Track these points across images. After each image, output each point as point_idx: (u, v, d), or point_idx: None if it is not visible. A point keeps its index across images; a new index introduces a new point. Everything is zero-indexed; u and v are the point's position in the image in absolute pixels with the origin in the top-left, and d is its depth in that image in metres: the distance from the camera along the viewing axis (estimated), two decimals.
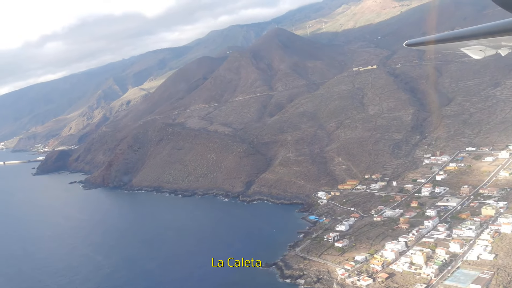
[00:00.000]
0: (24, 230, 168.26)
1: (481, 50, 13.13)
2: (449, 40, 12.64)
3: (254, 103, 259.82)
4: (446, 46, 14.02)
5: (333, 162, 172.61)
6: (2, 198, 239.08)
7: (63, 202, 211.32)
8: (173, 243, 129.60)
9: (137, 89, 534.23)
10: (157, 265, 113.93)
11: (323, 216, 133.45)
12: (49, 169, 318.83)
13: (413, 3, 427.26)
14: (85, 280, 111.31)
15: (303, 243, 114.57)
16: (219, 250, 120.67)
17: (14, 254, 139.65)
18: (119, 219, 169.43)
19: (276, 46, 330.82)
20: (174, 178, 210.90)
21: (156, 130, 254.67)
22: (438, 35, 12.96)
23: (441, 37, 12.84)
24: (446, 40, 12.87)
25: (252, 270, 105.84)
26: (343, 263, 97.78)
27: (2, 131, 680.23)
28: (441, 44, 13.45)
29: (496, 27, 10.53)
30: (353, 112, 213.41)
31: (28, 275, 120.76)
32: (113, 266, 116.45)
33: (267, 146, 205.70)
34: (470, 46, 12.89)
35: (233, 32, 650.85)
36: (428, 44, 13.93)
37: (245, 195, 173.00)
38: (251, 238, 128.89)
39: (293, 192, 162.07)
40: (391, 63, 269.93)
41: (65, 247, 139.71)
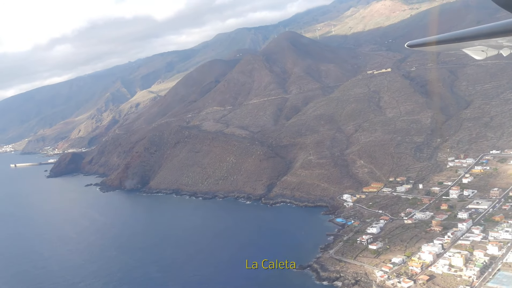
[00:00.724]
0: (49, 232, 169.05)
1: (482, 50, 13.26)
2: (450, 41, 12.71)
3: (270, 106, 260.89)
4: (447, 47, 14.00)
5: (355, 165, 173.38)
6: (21, 200, 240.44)
7: (83, 205, 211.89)
8: (204, 245, 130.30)
9: (145, 92, 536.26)
10: (191, 267, 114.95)
11: (351, 219, 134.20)
12: (62, 171, 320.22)
13: (422, 6, 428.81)
14: (120, 283, 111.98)
15: (335, 246, 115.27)
16: (250, 252, 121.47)
17: (43, 256, 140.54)
18: (143, 221, 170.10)
19: (289, 49, 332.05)
20: (193, 180, 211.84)
21: (172, 133, 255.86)
22: (439, 36, 12.96)
23: (442, 38, 12.85)
24: (447, 41, 12.88)
25: (286, 272, 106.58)
26: (380, 265, 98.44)
27: (9, 134, 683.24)
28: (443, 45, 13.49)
29: (498, 27, 10.64)
30: (371, 115, 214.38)
31: (60, 277, 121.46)
32: (146, 269, 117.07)
33: (286, 149, 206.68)
34: (471, 47, 13.06)
35: (240, 35, 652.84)
36: (430, 45, 13.93)
37: (268, 197, 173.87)
38: (280, 240, 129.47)
39: (316, 194, 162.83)
40: (405, 66, 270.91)
41: (94, 249, 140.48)
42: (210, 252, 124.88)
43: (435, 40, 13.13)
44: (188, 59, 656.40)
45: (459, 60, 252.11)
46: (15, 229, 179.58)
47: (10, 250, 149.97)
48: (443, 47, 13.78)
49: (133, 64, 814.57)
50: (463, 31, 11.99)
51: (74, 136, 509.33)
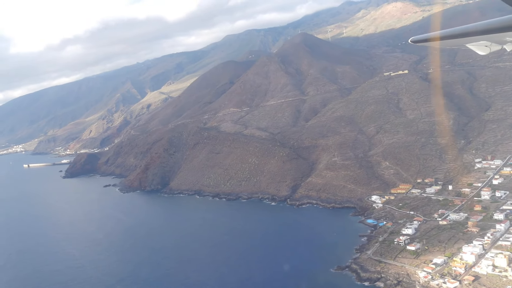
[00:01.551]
0: (76, 232, 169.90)
1: (486, 46, 13.29)
2: (454, 36, 12.81)
3: (288, 108, 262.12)
4: (451, 43, 14.05)
5: (380, 166, 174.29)
6: (42, 201, 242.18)
7: (105, 205, 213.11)
8: (239, 246, 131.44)
9: (157, 93, 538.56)
10: (228, 267, 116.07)
11: (382, 220, 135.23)
12: (78, 172, 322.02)
13: (434, 8, 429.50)
14: (159, 284, 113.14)
15: (371, 246, 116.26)
16: (285, 253, 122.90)
17: (75, 256, 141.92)
18: (171, 222, 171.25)
19: (303, 51, 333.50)
20: (214, 181, 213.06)
21: (191, 134, 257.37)
22: (443, 31, 13.09)
23: (446, 34, 12.97)
24: (451, 37, 13.00)
25: (325, 273, 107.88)
26: (421, 266, 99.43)
27: (19, 134, 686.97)
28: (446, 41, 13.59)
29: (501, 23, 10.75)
30: (391, 117, 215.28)
31: (96, 278, 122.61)
32: (182, 270, 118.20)
33: (308, 150, 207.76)
34: (475, 42, 13.08)
35: (250, 36, 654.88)
36: (434, 41, 13.97)
37: (293, 199, 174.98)
38: (313, 241, 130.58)
39: (343, 196, 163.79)
40: (422, 68, 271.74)
41: (124, 250, 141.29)
42: (246, 253, 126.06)
43: (438, 36, 13.37)
44: (197, 60, 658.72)
45: (476, 62, 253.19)
46: (41, 230, 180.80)
47: (40, 250, 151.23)
48: (446, 42, 13.98)
49: (141, 65, 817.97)
50: (466, 26, 12.25)
51: (86, 136, 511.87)
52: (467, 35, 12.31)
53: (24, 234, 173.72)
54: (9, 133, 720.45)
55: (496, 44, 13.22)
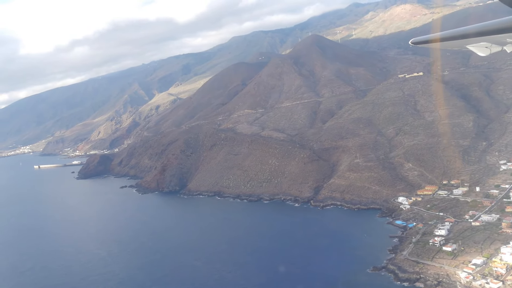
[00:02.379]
0: (102, 234, 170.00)
1: (486, 47, 13.34)
2: (454, 38, 12.92)
3: (303, 109, 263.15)
4: (451, 44, 14.03)
5: (403, 168, 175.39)
6: (60, 202, 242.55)
7: (126, 207, 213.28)
8: (271, 248, 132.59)
9: (165, 94, 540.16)
10: (264, 268, 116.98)
11: (411, 221, 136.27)
12: (91, 173, 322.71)
13: (444, 10, 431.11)
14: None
15: (405, 247, 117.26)
16: (319, 253, 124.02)
17: (106, 259, 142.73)
18: (199, 224, 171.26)
19: (316, 53, 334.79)
20: (234, 183, 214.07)
21: (208, 135, 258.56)
22: (444, 33, 13.20)
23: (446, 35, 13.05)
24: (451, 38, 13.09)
25: (362, 273, 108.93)
26: (461, 267, 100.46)
27: (26, 135, 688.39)
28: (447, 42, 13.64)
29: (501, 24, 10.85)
30: (410, 119, 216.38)
31: (132, 280, 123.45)
32: (221, 272, 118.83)
33: (327, 152, 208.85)
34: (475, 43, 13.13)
35: (257, 38, 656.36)
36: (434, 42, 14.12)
37: (316, 200, 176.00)
38: (344, 242, 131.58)
39: (368, 197, 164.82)
40: (436, 70, 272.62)
41: (156, 253, 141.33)
42: (279, 253, 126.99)
43: (439, 37, 13.56)
44: (204, 61, 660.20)
45: (491, 64, 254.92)
46: (66, 232, 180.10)
47: (72, 251, 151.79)
48: (447, 44, 14.00)
49: (147, 66, 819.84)
50: (466, 28, 12.37)
51: (94, 137, 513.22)
52: (467, 36, 12.50)
53: (50, 236, 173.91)
54: (15, 134, 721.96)
55: (496, 45, 13.33)
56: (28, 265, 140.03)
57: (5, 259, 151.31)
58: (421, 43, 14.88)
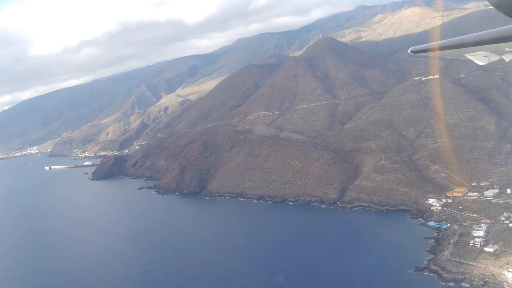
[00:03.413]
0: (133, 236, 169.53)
1: (485, 56, 13.46)
2: (453, 46, 12.99)
3: (321, 111, 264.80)
4: (450, 53, 14.17)
5: (429, 170, 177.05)
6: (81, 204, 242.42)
7: (151, 208, 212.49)
8: (307, 248, 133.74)
9: (173, 96, 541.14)
10: (310, 271, 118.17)
11: (445, 222, 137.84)
12: (106, 174, 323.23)
13: (453, 13, 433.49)
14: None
15: (445, 248, 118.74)
16: (357, 253, 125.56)
17: (142, 260, 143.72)
18: (229, 225, 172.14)
19: (330, 55, 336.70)
20: (256, 184, 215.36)
21: (226, 137, 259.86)
22: (442, 42, 13.32)
23: (445, 44, 13.14)
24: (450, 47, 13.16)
25: (404, 274, 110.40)
26: (506, 267, 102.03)
27: (32, 136, 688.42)
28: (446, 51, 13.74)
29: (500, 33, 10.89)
30: (430, 121, 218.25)
31: (172, 281, 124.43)
32: (270, 277, 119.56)
33: (350, 153, 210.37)
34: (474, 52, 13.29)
35: (263, 39, 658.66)
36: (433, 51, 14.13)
37: (343, 201, 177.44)
38: (379, 242, 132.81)
39: (396, 199, 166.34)
40: (452, 73, 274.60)
41: (194, 255, 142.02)
42: (317, 254, 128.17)
43: (438, 46, 13.59)
44: (211, 63, 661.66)
45: (508, 67, 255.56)
46: (97, 234, 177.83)
47: (106, 252, 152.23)
48: (446, 52, 14.14)
49: (152, 67, 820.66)
50: (465, 36, 12.50)
51: (103, 139, 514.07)
52: (466, 45, 12.59)
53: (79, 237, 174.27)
54: (21, 135, 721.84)
55: (495, 54, 13.47)
56: (72, 263, 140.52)
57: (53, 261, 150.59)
58: (420, 52, 15.28)
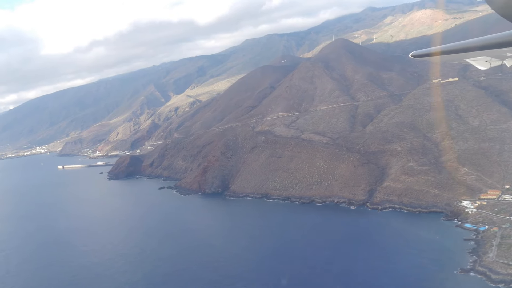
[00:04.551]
0: (169, 239, 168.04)
1: (486, 61, 13.61)
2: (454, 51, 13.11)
3: (341, 113, 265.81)
4: (451, 57, 14.15)
5: (459, 172, 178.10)
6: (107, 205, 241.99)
7: (178, 209, 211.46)
8: (350, 250, 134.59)
9: (183, 96, 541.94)
10: (356, 273, 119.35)
11: (482, 224, 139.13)
12: (122, 174, 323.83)
13: (465, 16, 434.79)
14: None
15: (489, 250, 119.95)
16: (395, 253, 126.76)
17: (187, 259, 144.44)
18: (265, 225, 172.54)
19: (346, 57, 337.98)
20: (281, 185, 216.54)
21: (247, 138, 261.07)
22: (444, 46, 13.46)
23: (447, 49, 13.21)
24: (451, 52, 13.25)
25: (451, 275, 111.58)
26: None
27: (40, 135, 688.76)
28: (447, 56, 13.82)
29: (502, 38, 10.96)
30: (454, 124, 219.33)
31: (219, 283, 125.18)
32: (315, 275, 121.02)
33: (375, 155, 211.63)
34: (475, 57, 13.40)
35: (271, 41, 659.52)
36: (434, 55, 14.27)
37: (373, 203, 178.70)
38: (417, 243, 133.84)
39: (428, 200, 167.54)
40: (472, 76, 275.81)
41: (241, 258, 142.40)
42: (357, 255, 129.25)
43: (439, 51, 13.77)
44: (219, 64, 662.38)
45: None
46: (129, 234, 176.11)
47: (147, 254, 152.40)
48: (447, 57, 14.17)
49: (158, 67, 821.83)
50: (466, 41, 12.60)
51: (113, 138, 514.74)
52: (468, 50, 12.71)
53: (113, 239, 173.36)
54: (28, 134, 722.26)
55: (497, 59, 13.60)
56: (113, 265, 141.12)
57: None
58: (422, 56, 15.31)
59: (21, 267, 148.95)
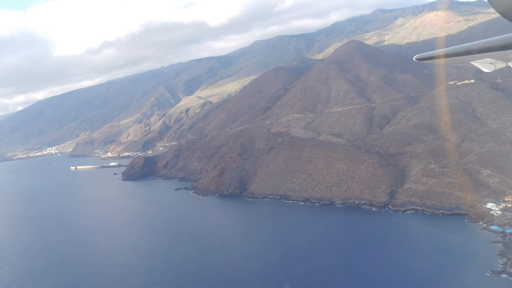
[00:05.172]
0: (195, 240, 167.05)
1: (491, 63, 13.57)
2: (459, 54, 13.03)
3: (357, 115, 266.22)
4: (456, 60, 14.09)
5: (481, 174, 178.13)
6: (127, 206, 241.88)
7: (199, 210, 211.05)
8: (378, 252, 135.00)
9: (194, 97, 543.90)
10: (389, 278, 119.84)
11: (509, 227, 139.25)
12: (137, 175, 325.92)
13: (478, 17, 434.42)
14: None
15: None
16: (423, 255, 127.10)
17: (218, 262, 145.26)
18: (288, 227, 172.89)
19: (360, 58, 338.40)
20: (300, 186, 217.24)
21: (264, 139, 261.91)
22: (448, 49, 13.52)
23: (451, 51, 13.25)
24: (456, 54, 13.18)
25: (482, 277, 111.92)
26: None
27: (50, 136, 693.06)
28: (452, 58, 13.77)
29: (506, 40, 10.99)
30: (473, 126, 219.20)
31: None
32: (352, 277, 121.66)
33: (394, 157, 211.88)
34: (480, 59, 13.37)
35: (280, 42, 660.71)
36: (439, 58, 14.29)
37: (394, 204, 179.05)
38: (444, 245, 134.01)
39: (451, 202, 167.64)
40: (488, 78, 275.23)
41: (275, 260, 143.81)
42: (386, 257, 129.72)
43: (443, 53, 13.71)
44: (228, 65, 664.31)
45: None
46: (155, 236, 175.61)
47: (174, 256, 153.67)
48: (451, 60, 14.16)
49: (167, 69, 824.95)
50: (471, 44, 12.61)
51: (124, 139, 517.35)
52: (472, 52, 12.69)
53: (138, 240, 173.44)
54: (37, 135, 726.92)
55: (501, 61, 13.56)
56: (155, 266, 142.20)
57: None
58: (426, 59, 15.43)
59: (49, 267, 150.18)
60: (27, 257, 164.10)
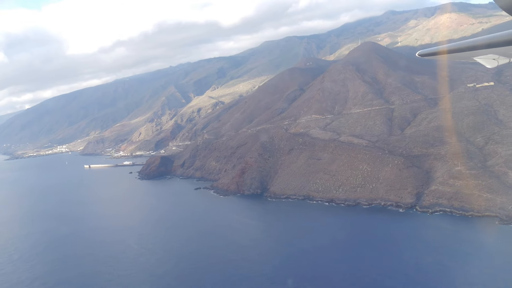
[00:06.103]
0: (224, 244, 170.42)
1: (494, 59, 13.54)
2: (462, 50, 13.05)
3: (377, 116, 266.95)
4: (459, 56, 14.12)
5: (508, 177, 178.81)
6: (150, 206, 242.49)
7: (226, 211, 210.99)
8: (416, 256, 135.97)
9: (206, 97, 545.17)
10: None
11: None
12: (153, 174, 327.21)
13: (491, 20, 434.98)
14: None
15: None
16: (462, 258, 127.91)
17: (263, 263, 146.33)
18: (323, 228, 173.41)
19: (376, 60, 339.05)
20: (323, 187, 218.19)
21: (284, 140, 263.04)
22: (451, 45, 13.55)
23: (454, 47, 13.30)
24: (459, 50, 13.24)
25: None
26: None
27: (60, 135, 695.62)
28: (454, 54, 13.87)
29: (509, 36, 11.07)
30: (495, 128, 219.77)
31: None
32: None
33: (418, 159, 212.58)
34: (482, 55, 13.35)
35: (290, 43, 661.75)
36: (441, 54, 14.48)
37: (422, 206, 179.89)
38: (481, 247, 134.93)
39: (480, 204, 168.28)
40: (507, 80, 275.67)
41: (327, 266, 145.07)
42: (422, 261, 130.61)
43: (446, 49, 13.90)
44: (238, 65, 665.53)
45: None
46: (187, 236, 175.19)
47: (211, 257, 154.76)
48: (454, 56, 14.24)
49: (175, 68, 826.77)
50: (474, 39, 12.70)
51: (135, 139, 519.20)
52: (475, 48, 12.70)
53: (170, 240, 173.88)
54: (47, 133, 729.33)
55: (504, 57, 13.58)
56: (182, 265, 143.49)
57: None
58: (429, 55, 15.44)
59: (86, 266, 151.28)
60: (60, 256, 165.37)
